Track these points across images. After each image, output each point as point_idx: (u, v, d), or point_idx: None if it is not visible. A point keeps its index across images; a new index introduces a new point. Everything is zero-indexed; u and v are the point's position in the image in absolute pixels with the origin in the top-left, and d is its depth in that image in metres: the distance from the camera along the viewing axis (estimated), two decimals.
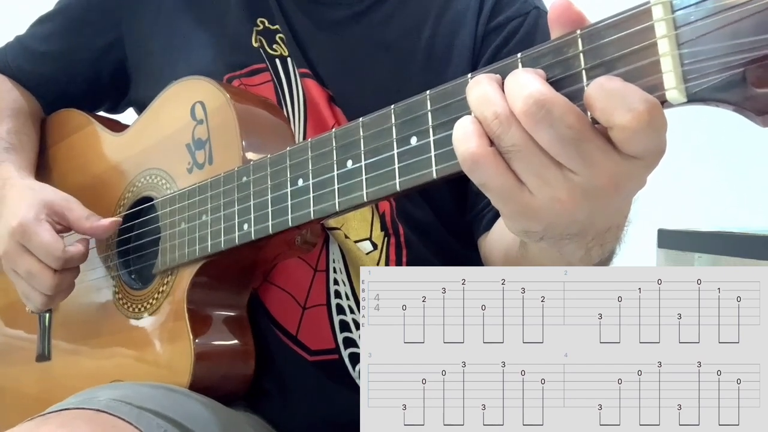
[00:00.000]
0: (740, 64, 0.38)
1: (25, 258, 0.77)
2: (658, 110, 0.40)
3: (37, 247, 0.76)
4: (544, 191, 0.44)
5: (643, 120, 0.40)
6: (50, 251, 0.76)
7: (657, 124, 0.40)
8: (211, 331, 0.75)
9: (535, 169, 0.44)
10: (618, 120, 0.40)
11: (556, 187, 0.44)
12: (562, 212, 0.45)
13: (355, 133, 0.57)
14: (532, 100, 0.42)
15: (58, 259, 0.76)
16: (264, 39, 0.82)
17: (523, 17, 0.80)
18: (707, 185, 1.78)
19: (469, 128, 0.45)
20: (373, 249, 0.77)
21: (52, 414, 0.60)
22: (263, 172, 0.66)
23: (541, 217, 0.46)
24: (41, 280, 0.77)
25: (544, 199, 0.44)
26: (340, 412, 0.73)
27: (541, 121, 0.42)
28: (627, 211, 0.52)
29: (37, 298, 0.79)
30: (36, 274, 0.77)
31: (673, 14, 0.40)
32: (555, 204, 0.44)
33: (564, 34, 0.44)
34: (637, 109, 0.40)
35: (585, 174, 0.43)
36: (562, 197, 0.44)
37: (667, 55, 0.40)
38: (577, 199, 0.44)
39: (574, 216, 0.45)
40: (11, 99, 0.94)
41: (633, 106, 0.40)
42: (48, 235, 0.76)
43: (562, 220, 0.46)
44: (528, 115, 0.42)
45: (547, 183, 0.44)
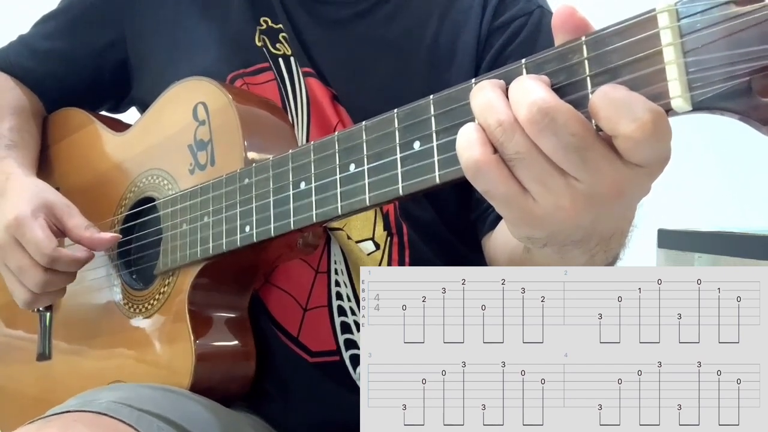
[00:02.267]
0: (746, 73, 0.38)
1: (16, 252, 0.76)
2: (663, 119, 0.40)
3: (29, 242, 0.75)
4: (547, 199, 0.44)
5: (647, 130, 0.40)
6: (40, 247, 0.75)
7: (661, 134, 0.40)
8: (212, 332, 0.75)
9: (539, 177, 0.44)
10: (623, 129, 0.40)
11: (560, 194, 0.44)
12: (565, 220, 0.45)
13: (358, 136, 0.57)
14: (536, 108, 0.42)
15: (45, 256, 0.75)
16: (267, 38, 0.82)
17: (527, 16, 0.80)
18: (707, 185, 1.78)
19: (472, 136, 0.45)
20: (375, 249, 0.77)
21: (53, 417, 0.60)
22: (265, 175, 0.66)
23: (544, 224, 0.46)
24: (29, 276, 0.76)
25: (547, 206, 0.44)
26: (340, 413, 0.73)
27: (544, 129, 0.42)
28: (632, 217, 0.52)
29: (22, 294, 0.79)
30: (25, 270, 0.76)
31: (679, 22, 0.39)
32: (558, 212, 0.44)
33: (569, 40, 0.44)
34: (642, 118, 0.40)
35: (588, 182, 0.43)
36: (566, 205, 0.44)
37: (672, 63, 0.40)
38: (581, 206, 0.44)
39: (577, 223, 0.45)
40: (13, 97, 0.94)
41: (638, 115, 0.40)
42: (40, 231, 0.75)
43: (565, 227, 0.46)
44: (532, 123, 0.42)
45: (551, 190, 0.44)
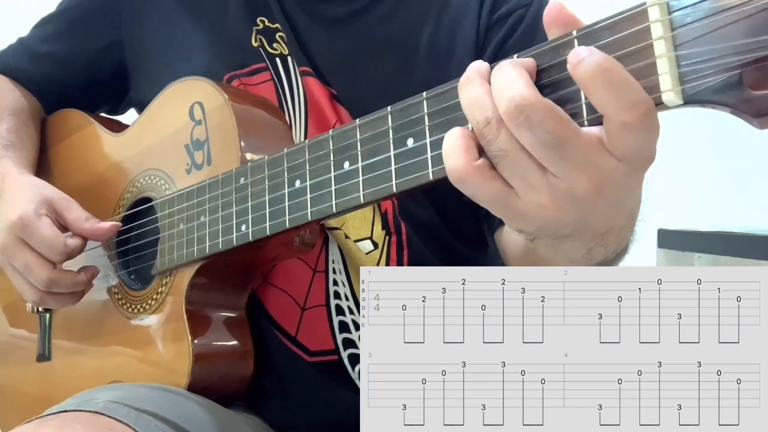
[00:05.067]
0: (737, 66, 0.38)
1: (24, 252, 0.77)
2: (653, 112, 0.40)
3: (39, 242, 0.76)
4: (529, 195, 0.44)
5: (639, 119, 0.40)
6: (53, 246, 0.76)
7: (650, 126, 0.40)
8: (210, 331, 0.75)
9: (521, 173, 0.44)
10: (615, 114, 0.40)
11: (540, 191, 0.44)
12: (548, 217, 0.45)
13: (352, 134, 0.57)
14: (513, 104, 0.42)
15: (60, 254, 0.76)
16: (264, 38, 0.82)
17: (526, 8, 0.80)
18: (707, 185, 1.78)
19: (456, 142, 0.45)
20: (373, 248, 0.77)
21: (51, 416, 0.60)
22: (261, 174, 0.66)
23: (530, 220, 0.46)
24: (38, 275, 0.77)
25: (530, 203, 0.45)
26: (339, 412, 0.73)
27: (521, 124, 0.42)
28: (629, 213, 0.52)
29: (31, 293, 0.79)
30: (33, 268, 0.77)
31: (670, 15, 0.39)
32: (540, 209, 0.45)
33: (561, 35, 0.44)
34: (638, 107, 0.40)
35: (566, 178, 0.43)
36: (546, 202, 0.44)
37: (663, 57, 0.40)
38: (561, 203, 0.44)
39: (560, 220, 0.45)
40: (12, 98, 0.94)
41: (634, 103, 0.40)
42: (49, 229, 0.76)
43: (550, 223, 0.46)
44: (510, 118, 0.42)
45: (532, 187, 0.44)
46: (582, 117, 0.43)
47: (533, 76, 0.44)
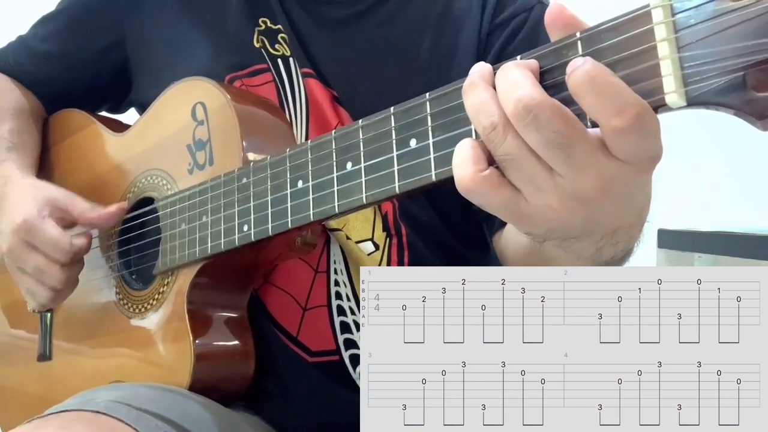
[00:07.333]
0: (740, 68, 0.38)
1: (32, 254, 0.78)
2: (648, 114, 0.40)
3: (45, 243, 0.77)
4: (538, 198, 0.44)
5: (632, 124, 0.40)
6: (59, 246, 0.76)
7: (647, 129, 0.40)
8: (212, 331, 0.75)
9: (529, 176, 0.44)
10: (607, 121, 0.40)
11: (548, 193, 0.44)
12: (557, 219, 0.45)
13: (355, 135, 0.57)
14: (521, 105, 0.42)
15: (67, 253, 0.77)
16: (266, 39, 0.82)
17: (528, 12, 0.80)
18: (707, 185, 1.78)
19: (466, 154, 0.45)
20: (374, 250, 0.77)
21: (52, 416, 0.60)
22: (263, 174, 0.66)
23: (539, 223, 0.46)
24: (50, 275, 0.78)
25: (538, 206, 0.45)
26: (340, 413, 0.73)
27: (529, 125, 0.42)
28: (637, 212, 0.52)
29: (44, 293, 0.80)
30: (45, 270, 0.78)
31: (674, 17, 0.39)
32: (549, 211, 0.45)
33: (564, 37, 0.44)
34: (628, 111, 0.40)
35: (572, 178, 0.43)
36: (554, 204, 0.44)
37: (666, 59, 0.40)
38: (569, 205, 0.44)
39: (569, 222, 0.46)
40: (13, 98, 0.94)
41: (623, 108, 0.40)
42: (54, 230, 0.77)
43: (558, 225, 0.46)
44: (517, 119, 0.42)
45: (540, 190, 0.44)
46: (585, 118, 0.43)
47: (536, 78, 0.44)
